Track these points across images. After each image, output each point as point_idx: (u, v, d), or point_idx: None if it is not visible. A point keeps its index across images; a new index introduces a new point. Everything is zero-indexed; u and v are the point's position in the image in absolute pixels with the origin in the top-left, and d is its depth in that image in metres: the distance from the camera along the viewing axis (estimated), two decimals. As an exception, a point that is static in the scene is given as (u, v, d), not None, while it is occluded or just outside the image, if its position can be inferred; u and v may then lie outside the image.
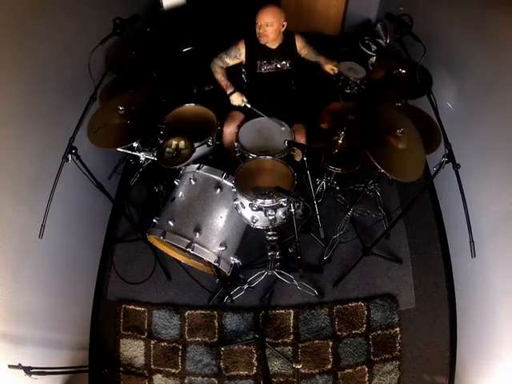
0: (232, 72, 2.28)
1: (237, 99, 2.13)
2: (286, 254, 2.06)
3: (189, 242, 1.66)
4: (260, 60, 2.18)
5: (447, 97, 2.13)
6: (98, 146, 1.74)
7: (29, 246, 1.64)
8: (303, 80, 2.37)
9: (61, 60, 1.84)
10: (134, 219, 2.34)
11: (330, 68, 2.20)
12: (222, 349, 2.11)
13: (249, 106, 2.11)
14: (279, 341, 2.11)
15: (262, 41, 2.10)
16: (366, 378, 2.02)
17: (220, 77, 2.20)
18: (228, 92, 2.15)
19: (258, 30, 2.06)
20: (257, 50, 2.17)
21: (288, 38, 2.18)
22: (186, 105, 2.15)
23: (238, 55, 2.18)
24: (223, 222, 1.77)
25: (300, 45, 2.21)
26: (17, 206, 1.57)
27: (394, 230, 2.36)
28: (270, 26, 2.03)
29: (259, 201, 1.58)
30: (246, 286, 2.17)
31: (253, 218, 1.69)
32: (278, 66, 2.20)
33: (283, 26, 2.09)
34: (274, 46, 2.16)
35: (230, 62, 2.21)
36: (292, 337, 2.12)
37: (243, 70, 2.30)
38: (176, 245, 1.71)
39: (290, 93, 2.35)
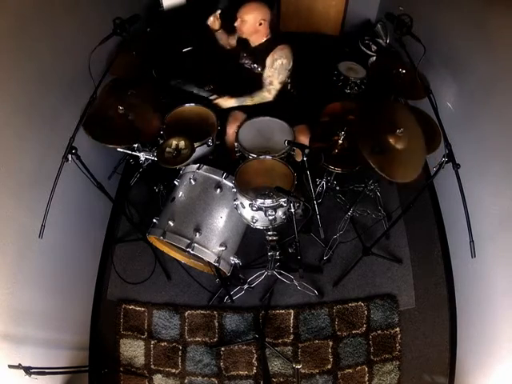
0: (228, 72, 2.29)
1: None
2: (285, 254, 2.06)
3: (189, 241, 1.66)
4: (243, 51, 2.18)
5: (447, 97, 2.13)
6: (96, 140, 1.74)
7: (29, 245, 1.63)
8: (302, 84, 2.34)
9: (61, 60, 1.83)
10: (134, 219, 2.33)
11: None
12: (222, 349, 2.11)
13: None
14: (279, 341, 2.11)
15: (238, 33, 2.13)
16: (366, 378, 2.02)
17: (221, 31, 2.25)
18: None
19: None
20: (243, 41, 2.16)
21: (272, 44, 2.05)
22: (186, 105, 2.15)
23: (234, 35, 2.22)
24: (223, 222, 1.77)
25: (270, 61, 2.04)
26: (17, 205, 1.57)
27: (393, 229, 2.36)
28: (245, 22, 2.01)
29: (259, 201, 1.58)
30: (246, 286, 2.17)
31: (253, 218, 1.69)
32: (251, 66, 2.15)
33: (260, 23, 2.00)
34: (253, 43, 2.12)
35: (228, 37, 2.26)
36: (292, 337, 2.12)
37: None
38: (176, 245, 1.71)
39: (289, 97, 2.28)
